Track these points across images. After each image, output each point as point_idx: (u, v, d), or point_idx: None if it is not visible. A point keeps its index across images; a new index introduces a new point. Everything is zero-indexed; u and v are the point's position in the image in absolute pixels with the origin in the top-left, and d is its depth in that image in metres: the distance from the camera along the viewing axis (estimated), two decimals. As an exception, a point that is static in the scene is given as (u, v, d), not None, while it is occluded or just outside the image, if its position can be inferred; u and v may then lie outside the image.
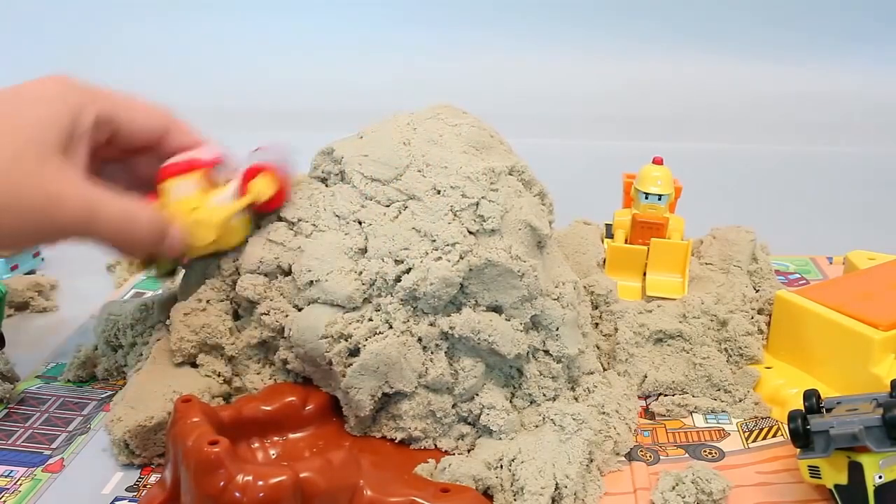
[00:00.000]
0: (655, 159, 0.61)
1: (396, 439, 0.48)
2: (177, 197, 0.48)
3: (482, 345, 0.47)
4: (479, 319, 0.46)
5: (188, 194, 0.48)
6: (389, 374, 0.46)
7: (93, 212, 0.44)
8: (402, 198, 0.48)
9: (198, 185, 0.47)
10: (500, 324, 0.47)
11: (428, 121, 0.51)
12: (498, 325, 0.47)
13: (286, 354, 0.49)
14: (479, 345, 0.47)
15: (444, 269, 0.45)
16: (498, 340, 0.47)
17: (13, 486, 0.47)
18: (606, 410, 0.50)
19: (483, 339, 0.46)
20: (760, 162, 1.01)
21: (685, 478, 0.45)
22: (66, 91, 0.44)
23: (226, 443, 0.40)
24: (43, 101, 0.43)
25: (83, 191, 0.43)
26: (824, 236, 0.79)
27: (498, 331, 0.47)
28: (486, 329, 0.46)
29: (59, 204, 0.42)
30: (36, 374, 0.58)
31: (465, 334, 0.46)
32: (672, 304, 0.58)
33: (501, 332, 0.47)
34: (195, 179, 0.47)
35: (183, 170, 0.47)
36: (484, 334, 0.46)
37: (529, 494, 0.43)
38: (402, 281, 0.46)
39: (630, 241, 0.62)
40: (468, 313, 0.46)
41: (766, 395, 0.54)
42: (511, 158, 0.51)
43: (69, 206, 0.43)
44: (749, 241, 0.63)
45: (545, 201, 0.53)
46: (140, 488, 0.47)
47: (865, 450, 0.41)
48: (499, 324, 0.47)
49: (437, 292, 0.45)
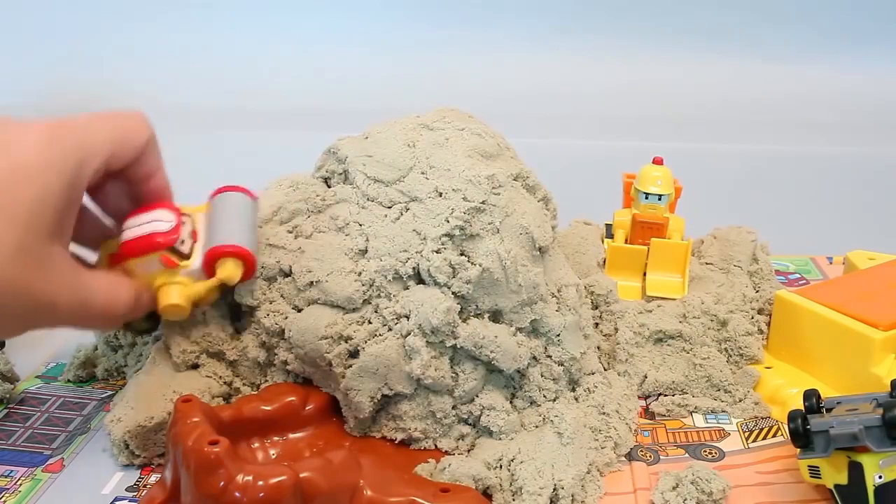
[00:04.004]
0: (655, 159, 0.61)
1: (396, 439, 0.48)
2: (143, 273, 0.47)
3: (483, 358, 0.47)
4: (484, 335, 0.46)
5: (153, 271, 0.47)
6: (389, 375, 0.46)
7: (83, 307, 0.42)
8: (403, 199, 0.48)
9: (161, 262, 0.46)
10: (505, 339, 0.47)
11: (434, 123, 0.51)
12: (502, 342, 0.47)
13: (286, 355, 0.49)
14: (479, 358, 0.47)
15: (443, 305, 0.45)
16: (499, 357, 0.47)
17: (13, 486, 0.47)
18: (606, 410, 0.50)
19: (485, 354, 0.47)
20: (760, 162, 1.01)
21: (685, 478, 0.45)
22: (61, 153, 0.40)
23: (226, 443, 0.40)
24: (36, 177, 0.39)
25: (74, 287, 0.41)
26: (824, 236, 0.79)
27: (501, 348, 0.47)
28: (488, 345, 0.46)
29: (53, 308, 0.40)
30: (36, 374, 0.58)
31: (467, 347, 0.46)
32: (672, 304, 0.58)
33: (504, 349, 0.47)
34: (157, 258, 0.46)
35: (144, 249, 0.46)
36: (486, 350, 0.46)
37: (528, 494, 0.43)
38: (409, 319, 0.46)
39: (630, 241, 0.62)
40: (475, 325, 0.46)
41: (766, 395, 0.54)
42: (516, 164, 0.51)
43: (62, 309, 0.41)
44: (750, 242, 0.63)
45: (549, 206, 0.53)
46: (140, 488, 0.47)
47: (865, 450, 0.41)
48: (503, 339, 0.47)
49: (440, 327, 0.45)
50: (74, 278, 0.42)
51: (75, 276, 0.42)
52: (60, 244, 0.41)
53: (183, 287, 0.47)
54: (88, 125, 0.43)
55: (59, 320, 0.42)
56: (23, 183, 0.38)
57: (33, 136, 0.40)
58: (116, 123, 0.44)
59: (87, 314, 0.43)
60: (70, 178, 0.40)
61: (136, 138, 0.45)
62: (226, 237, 0.47)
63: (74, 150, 0.41)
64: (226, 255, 0.47)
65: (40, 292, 0.39)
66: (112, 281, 0.45)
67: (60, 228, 0.40)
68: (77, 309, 0.42)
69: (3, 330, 0.42)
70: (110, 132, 0.44)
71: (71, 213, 0.41)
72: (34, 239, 0.39)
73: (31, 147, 0.39)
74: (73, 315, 0.42)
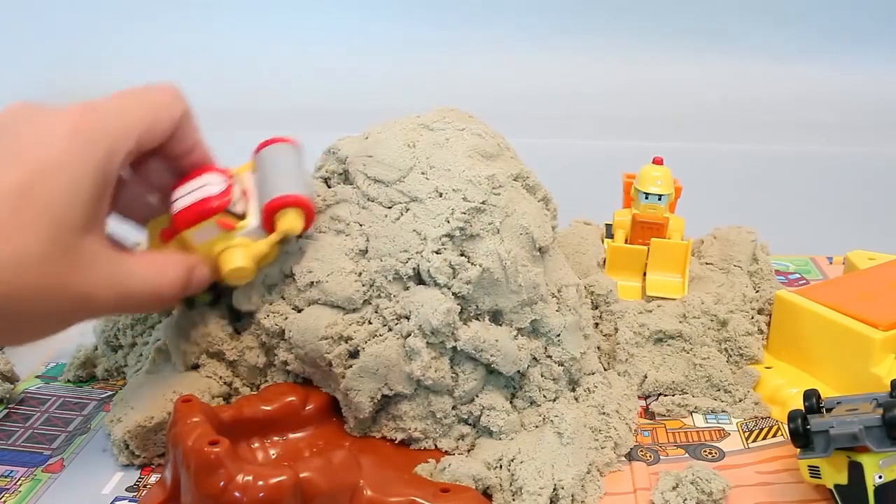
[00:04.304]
0: (655, 159, 0.61)
1: (396, 439, 0.48)
2: (200, 242, 0.46)
3: (483, 361, 0.47)
4: (485, 338, 0.46)
5: (211, 238, 0.46)
6: (389, 376, 0.46)
7: (124, 296, 0.42)
8: (404, 199, 0.48)
9: (218, 227, 0.45)
10: (505, 343, 0.47)
11: (434, 124, 0.51)
12: (503, 346, 0.47)
13: (286, 356, 0.49)
14: (479, 360, 0.47)
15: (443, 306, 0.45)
16: (500, 361, 0.47)
17: (13, 486, 0.47)
18: (606, 410, 0.50)
19: (485, 357, 0.47)
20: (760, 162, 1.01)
21: (685, 478, 0.45)
22: (88, 144, 0.39)
23: (226, 443, 0.40)
24: (65, 171, 0.38)
25: (112, 277, 0.41)
26: (824, 236, 0.79)
27: (501, 352, 0.47)
28: (489, 349, 0.46)
29: (91, 302, 0.40)
30: (36, 374, 0.58)
31: (467, 349, 0.46)
32: (672, 304, 0.58)
33: (504, 354, 0.47)
34: (213, 223, 0.45)
35: (199, 216, 0.45)
36: (486, 354, 0.46)
37: (528, 494, 0.43)
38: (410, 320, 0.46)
39: (630, 241, 0.62)
40: (476, 328, 0.46)
41: (766, 395, 0.54)
42: (516, 164, 0.51)
43: (101, 301, 0.41)
44: (750, 242, 0.63)
45: (549, 206, 0.53)
46: (140, 488, 0.47)
47: (865, 450, 0.41)
48: (504, 343, 0.47)
49: (441, 328, 0.45)
50: (114, 267, 0.41)
51: (114, 265, 0.41)
52: (95, 235, 0.40)
53: (245, 248, 0.46)
54: (117, 108, 0.42)
55: (101, 311, 0.42)
56: (51, 178, 0.38)
57: (60, 128, 0.39)
58: (147, 101, 0.44)
59: (130, 301, 0.42)
60: (99, 167, 0.40)
61: (168, 115, 0.44)
62: (281, 188, 0.46)
63: (103, 138, 0.40)
64: (286, 206, 0.46)
65: (76, 287, 0.39)
66: (158, 261, 0.44)
67: (94, 219, 0.40)
68: (118, 298, 0.41)
69: (44, 328, 0.41)
70: (140, 112, 0.43)
71: (103, 203, 0.41)
72: (66, 234, 0.38)
73: (58, 140, 0.39)
74: (114, 305, 0.42)
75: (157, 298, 0.44)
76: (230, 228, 0.46)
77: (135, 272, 0.42)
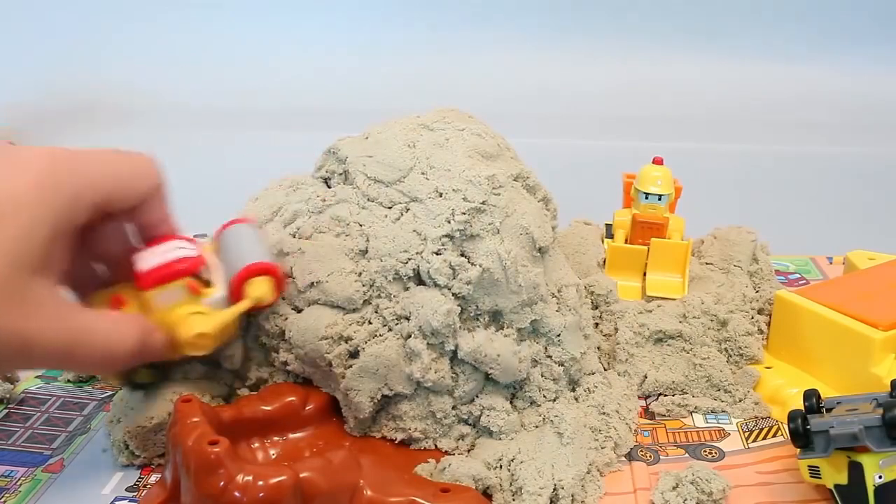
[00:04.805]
0: (655, 159, 0.61)
1: (396, 439, 0.48)
2: (164, 305, 0.44)
3: (482, 370, 0.47)
4: (486, 353, 0.46)
5: (177, 301, 0.44)
6: (389, 376, 0.46)
7: (70, 347, 0.39)
8: (404, 200, 0.48)
9: (186, 290, 0.44)
10: (506, 357, 0.47)
11: (434, 124, 0.51)
12: (503, 360, 0.47)
13: (286, 356, 0.49)
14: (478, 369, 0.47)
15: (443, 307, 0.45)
16: (499, 374, 0.47)
17: (13, 487, 0.47)
18: (606, 410, 0.50)
19: (484, 369, 0.47)
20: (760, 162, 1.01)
21: (685, 478, 0.45)
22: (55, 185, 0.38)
23: (226, 443, 0.40)
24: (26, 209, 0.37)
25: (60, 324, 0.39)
26: (824, 236, 0.79)
27: (501, 366, 0.47)
28: (489, 363, 0.46)
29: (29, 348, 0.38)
30: (36, 374, 0.58)
31: (468, 360, 0.46)
32: (672, 304, 0.58)
33: (504, 367, 0.47)
34: (182, 286, 0.44)
35: (169, 276, 0.44)
36: (485, 366, 0.47)
37: (528, 494, 0.43)
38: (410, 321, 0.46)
39: (630, 241, 0.62)
40: (479, 339, 0.46)
41: (766, 395, 0.54)
42: (516, 164, 0.51)
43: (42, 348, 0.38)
44: (750, 242, 0.63)
45: (549, 206, 0.53)
46: (140, 488, 0.47)
47: (865, 450, 0.41)
48: (504, 358, 0.47)
49: (441, 329, 0.45)
50: (63, 315, 0.39)
51: (64, 313, 0.40)
52: (47, 279, 0.39)
53: (210, 316, 0.45)
54: (91, 158, 0.41)
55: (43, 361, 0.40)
56: (10, 215, 0.37)
57: (30, 166, 0.38)
58: (121, 162, 0.43)
59: (77, 355, 0.40)
60: (62, 211, 0.39)
61: (140, 182, 0.43)
62: (250, 259, 0.46)
63: (70, 182, 0.39)
64: (258, 273, 0.46)
65: (16, 329, 0.37)
66: (113, 317, 0.43)
67: (47, 263, 0.39)
68: (64, 349, 0.39)
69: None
70: (113, 168, 0.42)
71: (61, 248, 0.40)
72: (14, 272, 0.37)
73: (25, 178, 0.38)
74: (59, 356, 0.40)
75: (109, 356, 0.41)
76: (197, 293, 0.45)
77: (87, 324, 0.40)
